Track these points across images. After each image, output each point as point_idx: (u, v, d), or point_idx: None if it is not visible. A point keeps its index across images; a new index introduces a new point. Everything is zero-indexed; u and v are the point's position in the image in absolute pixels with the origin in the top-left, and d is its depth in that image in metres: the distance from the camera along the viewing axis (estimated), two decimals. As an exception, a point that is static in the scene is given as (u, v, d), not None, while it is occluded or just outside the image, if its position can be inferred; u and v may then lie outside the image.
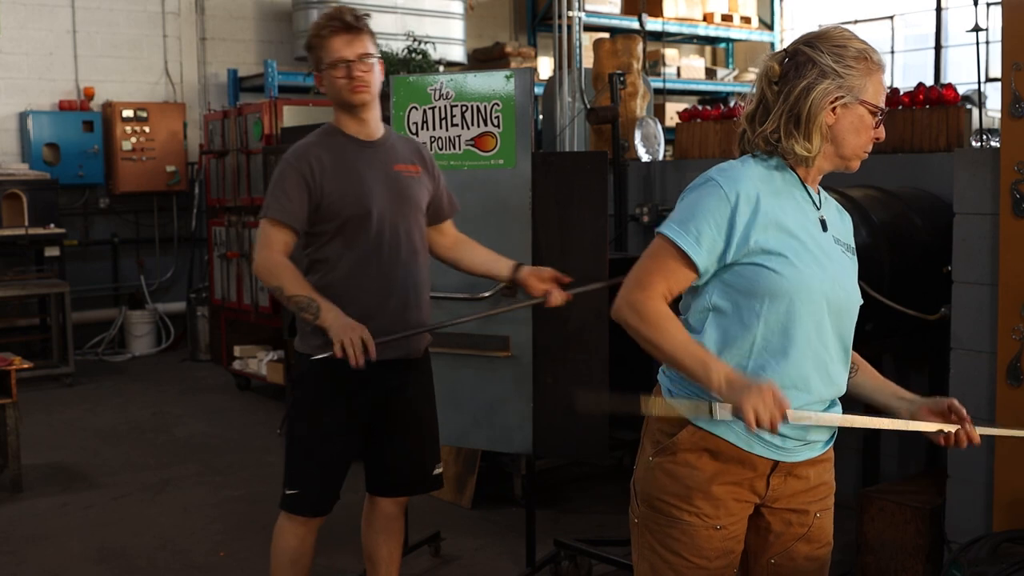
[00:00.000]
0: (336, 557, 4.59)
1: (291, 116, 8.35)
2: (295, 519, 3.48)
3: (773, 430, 2.12)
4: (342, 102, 3.39)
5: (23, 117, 9.70)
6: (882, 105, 2.30)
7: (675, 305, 2.31)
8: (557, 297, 3.50)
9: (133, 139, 9.98)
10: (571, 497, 5.48)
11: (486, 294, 4.11)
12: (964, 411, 2.31)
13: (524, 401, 4.21)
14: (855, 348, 2.43)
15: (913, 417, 2.35)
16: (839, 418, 2.32)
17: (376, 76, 3.38)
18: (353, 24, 3.34)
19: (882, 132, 2.32)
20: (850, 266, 2.39)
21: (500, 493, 5.40)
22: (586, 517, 5.19)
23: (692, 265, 2.23)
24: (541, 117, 8.25)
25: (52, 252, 9.11)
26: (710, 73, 13.25)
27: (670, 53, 12.64)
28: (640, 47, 7.37)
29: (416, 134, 4.31)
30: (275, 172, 3.41)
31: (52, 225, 9.07)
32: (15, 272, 8.97)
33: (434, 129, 4.29)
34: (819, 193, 2.39)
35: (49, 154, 9.71)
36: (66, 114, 9.83)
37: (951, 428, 2.31)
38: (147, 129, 10.05)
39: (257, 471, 6.10)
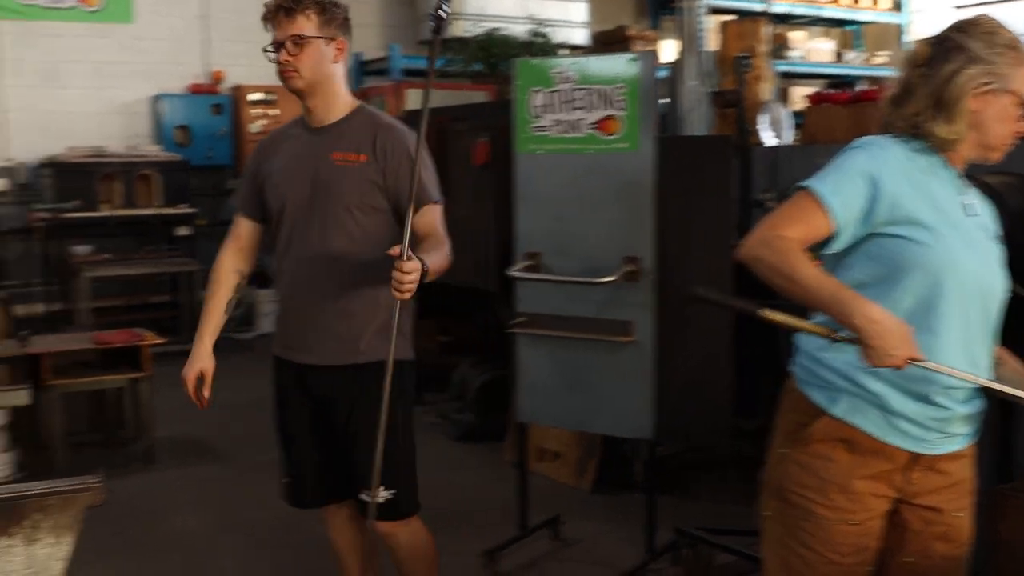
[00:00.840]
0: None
1: (415, 99, 8.40)
2: (324, 511, 3.46)
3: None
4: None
5: (155, 100, 9.99)
6: None
7: None
8: (395, 292, 2.85)
9: (261, 122, 10.17)
10: (692, 484, 5.42)
11: (608, 279, 4.08)
12: None
13: (646, 387, 4.18)
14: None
15: None
16: (978, 379, 2.21)
17: (310, 59, 3.12)
18: (283, 4, 3.14)
19: None
20: (996, 252, 2.33)
21: (621, 478, 5.37)
22: (707, 505, 5.14)
23: (828, 214, 2.17)
24: (668, 100, 8.15)
25: (183, 231, 9.40)
26: (838, 56, 12.95)
27: (797, 36, 12.39)
28: (766, 30, 7.25)
29: (538, 117, 4.31)
30: None
31: (183, 205, 9.35)
32: (147, 251, 9.28)
33: (557, 112, 4.27)
34: (962, 179, 2.34)
35: (180, 136, 9.98)
36: (196, 97, 10.10)
37: None
38: (274, 112, 10.22)
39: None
